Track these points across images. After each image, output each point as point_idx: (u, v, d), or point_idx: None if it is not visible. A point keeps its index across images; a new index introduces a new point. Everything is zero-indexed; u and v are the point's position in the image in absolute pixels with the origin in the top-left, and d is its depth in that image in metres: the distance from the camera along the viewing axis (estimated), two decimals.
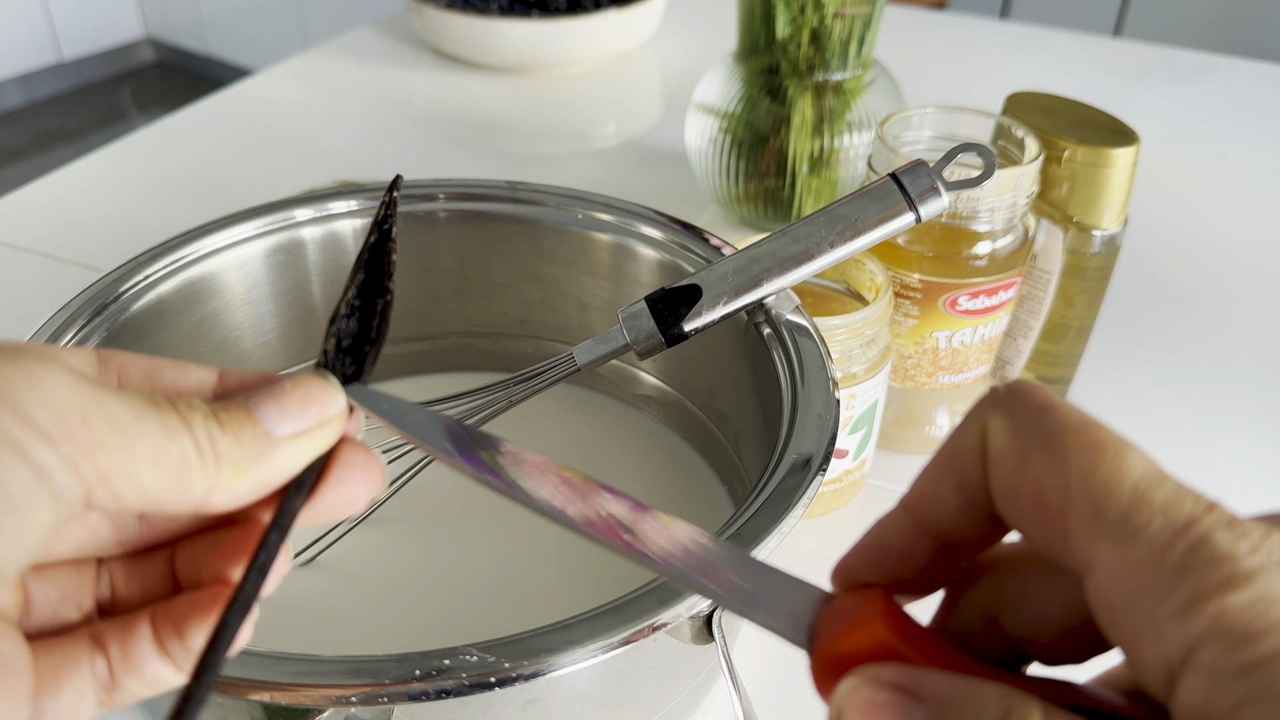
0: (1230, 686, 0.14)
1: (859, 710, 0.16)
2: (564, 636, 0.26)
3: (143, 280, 0.40)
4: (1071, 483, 0.16)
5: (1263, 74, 0.94)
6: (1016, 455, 0.16)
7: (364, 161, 0.76)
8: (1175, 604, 0.14)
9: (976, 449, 0.17)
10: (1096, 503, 0.15)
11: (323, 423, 0.21)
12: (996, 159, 0.40)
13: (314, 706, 0.25)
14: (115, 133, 2.49)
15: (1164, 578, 0.15)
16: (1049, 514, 0.16)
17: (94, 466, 0.17)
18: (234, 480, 0.19)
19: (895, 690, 0.16)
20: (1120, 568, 0.15)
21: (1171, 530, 0.15)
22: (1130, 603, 0.15)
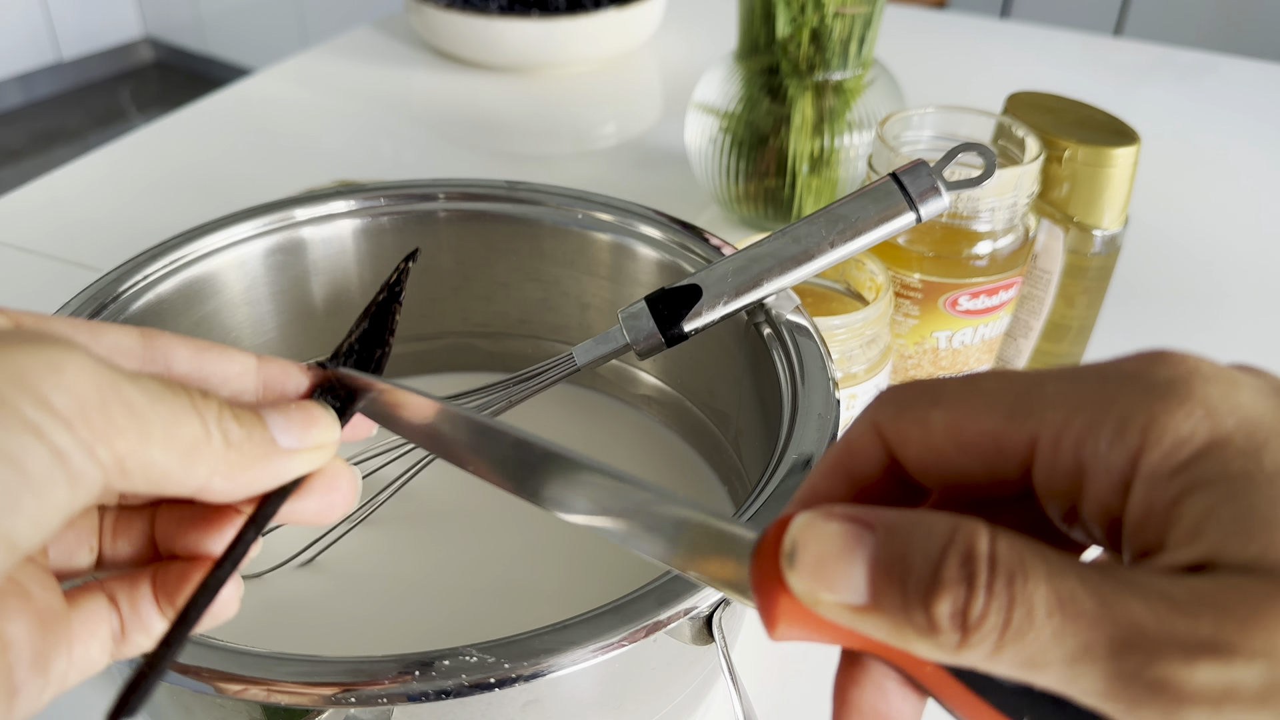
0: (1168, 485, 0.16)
1: (812, 542, 0.17)
2: (564, 636, 0.26)
3: (142, 280, 0.40)
4: (990, 402, 0.18)
5: (1263, 74, 0.94)
6: (920, 420, 0.18)
7: (364, 161, 0.76)
8: (1111, 430, 0.16)
9: (872, 443, 0.19)
10: (1019, 400, 0.17)
11: (319, 446, 0.22)
12: (997, 159, 0.39)
13: (314, 706, 0.25)
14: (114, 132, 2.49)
15: (1097, 416, 0.17)
16: (974, 448, 0.18)
17: (110, 450, 0.18)
18: (238, 470, 0.20)
19: (845, 519, 0.17)
20: (1057, 427, 0.17)
21: (1097, 379, 0.17)
22: (1073, 451, 0.17)
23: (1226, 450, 0.16)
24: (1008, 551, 0.16)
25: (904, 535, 0.16)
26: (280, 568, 0.39)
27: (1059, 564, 0.15)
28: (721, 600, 0.28)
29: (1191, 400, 0.16)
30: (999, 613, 0.15)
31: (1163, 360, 0.17)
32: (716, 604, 0.28)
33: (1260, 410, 0.16)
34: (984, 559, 0.15)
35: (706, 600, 0.27)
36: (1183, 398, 0.16)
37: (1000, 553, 0.16)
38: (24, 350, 0.17)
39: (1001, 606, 0.15)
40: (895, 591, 0.16)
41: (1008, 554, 0.16)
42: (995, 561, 0.15)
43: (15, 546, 0.17)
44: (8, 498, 0.16)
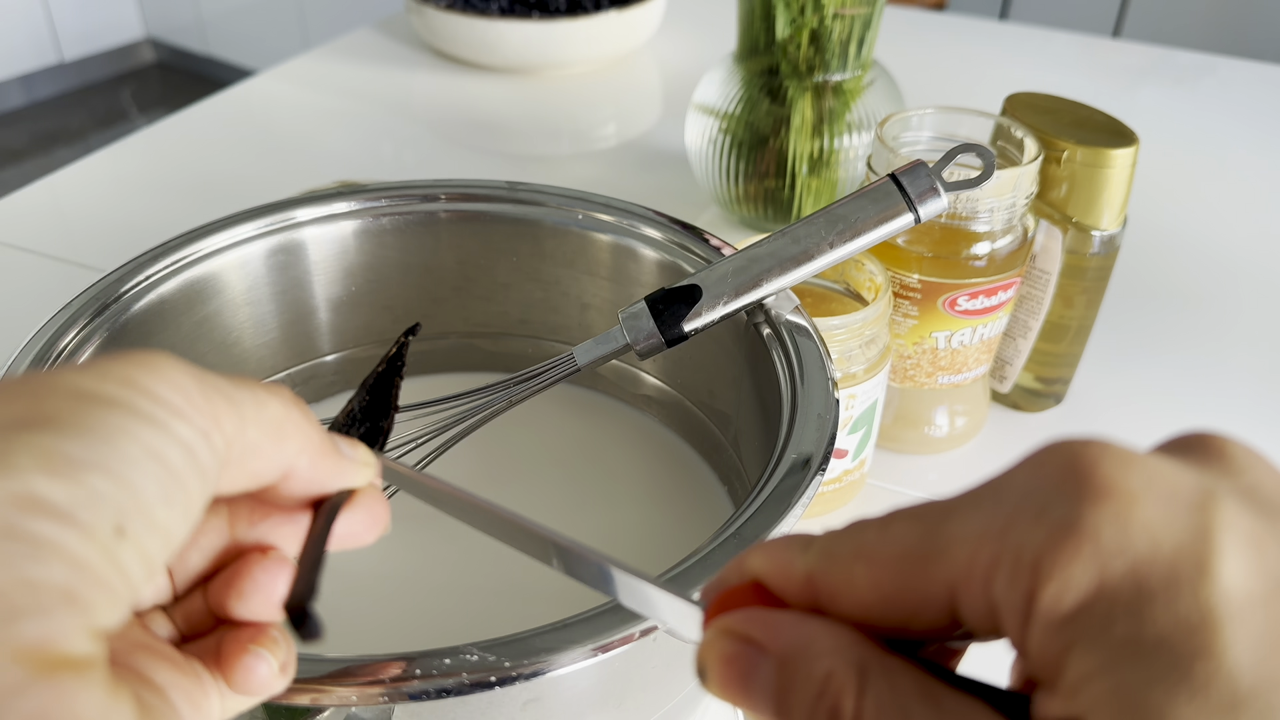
0: (1057, 635, 0.14)
1: (716, 664, 0.18)
2: (564, 636, 0.26)
3: (143, 280, 0.40)
4: (901, 552, 0.17)
5: (1262, 74, 0.94)
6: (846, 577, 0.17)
7: (364, 161, 0.76)
8: (1009, 568, 0.15)
9: (802, 595, 0.18)
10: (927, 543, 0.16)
11: (365, 464, 0.24)
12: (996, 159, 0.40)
13: (314, 706, 0.25)
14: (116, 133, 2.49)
15: (997, 552, 0.15)
16: (899, 602, 0.17)
17: (222, 435, 0.18)
18: (317, 452, 0.21)
19: (744, 643, 0.17)
20: (965, 569, 0.16)
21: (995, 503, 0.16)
22: (983, 593, 0.15)
23: (1111, 606, 0.14)
24: (873, 712, 0.16)
25: (790, 671, 0.17)
26: None
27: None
28: None
29: (1078, 535, 0.14)
30: None
31: (1059, 466, 0.15)
32: None
33: (1161, 541, 0.14)
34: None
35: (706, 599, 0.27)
36: (1069, 531, 0.14)
37: (865, 713, 0.16)
38: (121, 359, 0.18)
39: None
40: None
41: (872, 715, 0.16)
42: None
43: (171, 538, 0.17)
44: (160, 490, 0.17)
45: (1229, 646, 0.13)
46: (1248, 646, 0.13)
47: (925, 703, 0.16)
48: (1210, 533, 0.14)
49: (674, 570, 0.28)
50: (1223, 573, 0.14)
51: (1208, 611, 0.13)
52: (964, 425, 0.51)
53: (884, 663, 0.16)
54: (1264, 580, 0.14)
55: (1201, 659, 0.13)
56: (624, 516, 0.43)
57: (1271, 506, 0.15)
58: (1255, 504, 0.15)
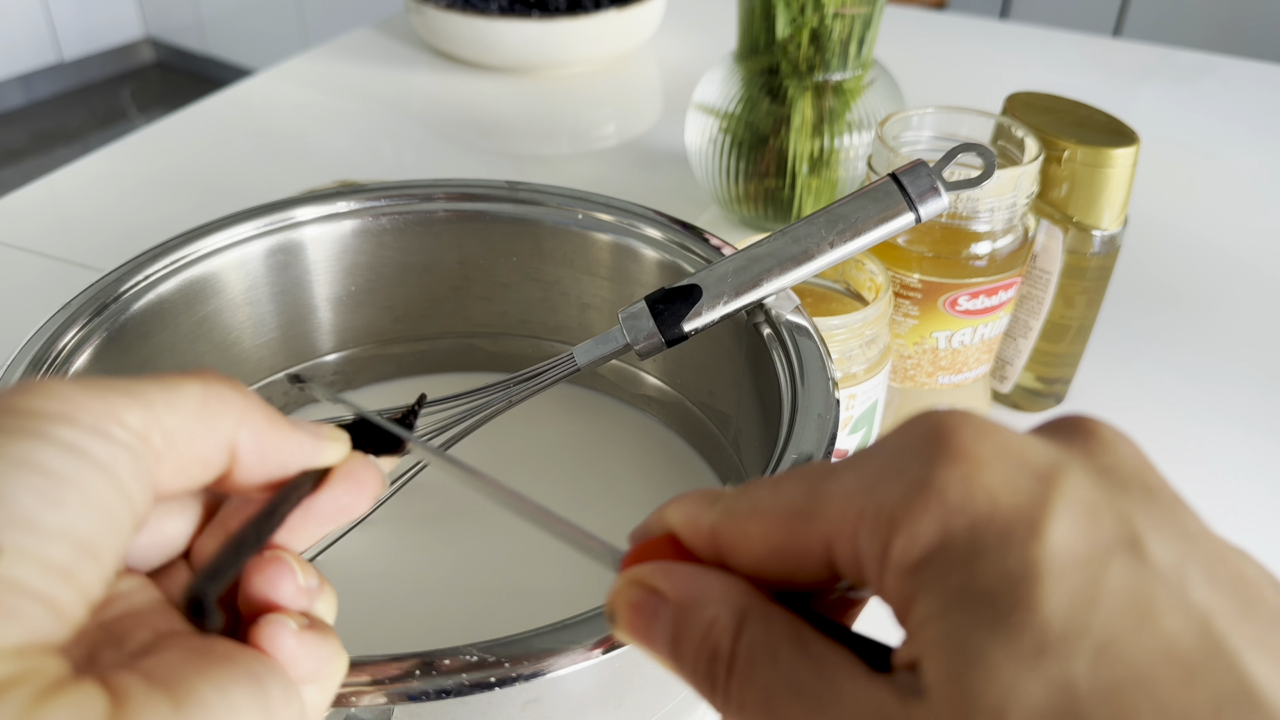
0: (905, 582, 0.16)
1: (623, 610, 0.19)
2: (564, 636, 0.26)
3: (143, 280, 0.40)
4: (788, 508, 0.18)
5: (1263, 74, 0.94)
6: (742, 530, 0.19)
7: (364, 161, 0.76)
8: (870, 522, 0.16)
9: (707, 548, 0.20)
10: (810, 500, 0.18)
11: (332, 439, 0.22)
12: (996, 159, 0.40)
13: None
14: (115, 133, 2.49)
15: (865, 507, 0.17)
16: (786, 555, 0.18)
17: (123, 427, 0.18)
18: (262, 423, 0.20)
19: (648, 591, 0.19)
20: (839, 524, 0.17)
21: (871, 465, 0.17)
22: (851, 546, 0.17)
23: (950, 556, 0.15)
24: (744, 652, 0.17)
25: (684, 617, 0.18)
26: None
27: (787, 665, 0.17)
28: None
29: (928, 491, 0.16)
30: (733, 707, 0.17)
31: (924, 433, 0.17)
32: None
33: (1000, 502, 0.15)
34: (723, 660, 0.18)
35: None
36: (920, 488, 0.16)
37: (739, 652, 0.17)
38: (3, 391, 0.18)
39: (734, 702, 0.17)
40: (680, 666, 0.18)
41: (745, 654, 0.17)
42: (732, 663, 0.17)
43: (84, 540, 0.16)
44: (39, 497, 0.16)
45: (1044, 599, 0.14)
46: (1061, 601, 0.14)
47: (794, 645, 0.17)
48: (1048, 499, 0.15)
49: None
50: (1051, 534, 0.15)
51: (1032, 567, 0.15)
52: None
53: (764, 609, 0.18)
54: (1089, 545, 0.15)
55: (1019, 609, 0.14)
56: (624, 516, 0.43)
57: (1122, 484, 0.16)
58: (1106, 479, 0.16)
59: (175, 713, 0.17)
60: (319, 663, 0.20)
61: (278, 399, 0.47)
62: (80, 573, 0.17)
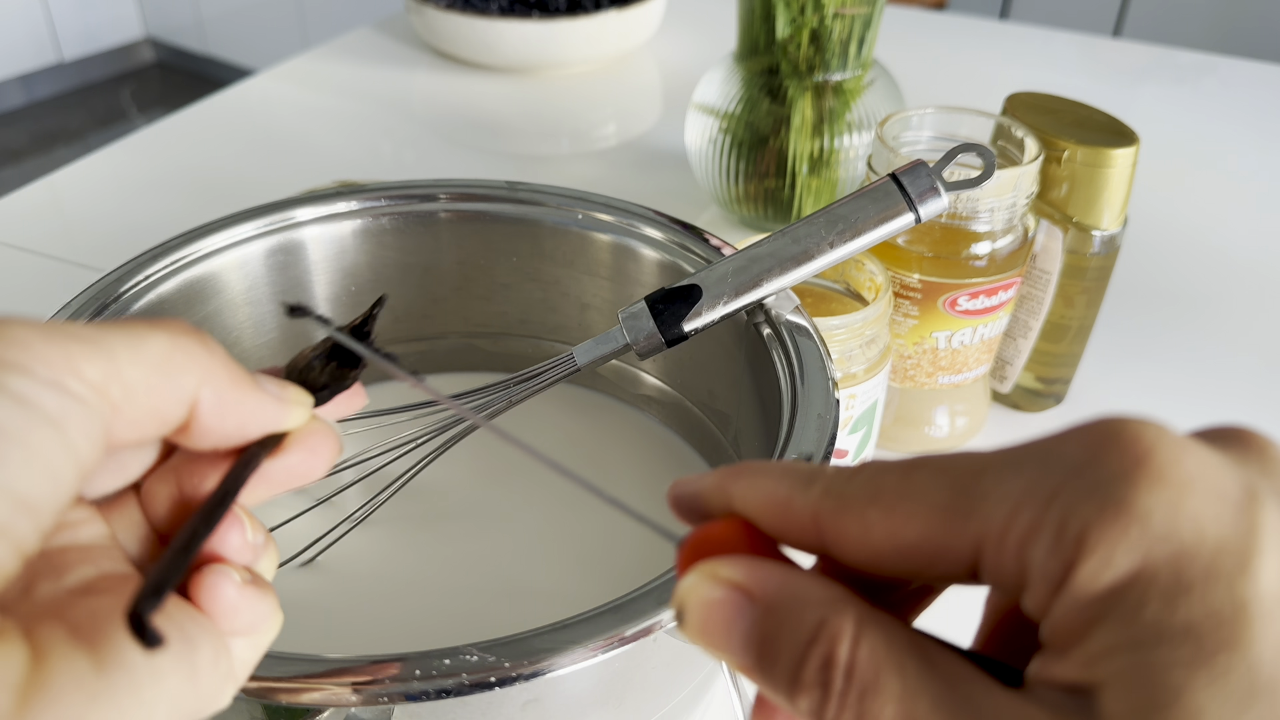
0: (1086, 608, 0.15)
1: (698, 607, 0.18)
2: (564, 636, 0.26)
3: (143, 280, 0.40)
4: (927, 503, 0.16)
5: (1263, 74, 0.94)
6: (859, 519, 0.17)
7: (364, 161, 0.76)
8: (1050, 536, 0.15)
9: (807, 534, 0.18)
10: (958, 497, 0.16)
11: (296, 403, 0.21)
12: (996, 159, 0.40)
13: (314, 706, 0.25)
14: (115, 133, 2.49)
15: (1038, 517, 0.15)
16: (914, 552, 0.16)
17: (80, 380, 0.17)
18: (225, 382, 0.19)
19: (730, 589, 0.17)
20: (1000, 528, 0.16)
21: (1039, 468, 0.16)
22: (1016, 555, 0.15)
23: (1148, 590, 0.14)
24: (867, 661, 0.16)
25: (778, 619, 0.17)
26: (280, 568, 0.39)
27: (917, 682, 0.15)
28: None
29: (1129, 515, 0.14)
30: (850, 718, 0.16)
31: (1114, 443, 0.15)
32: None
33: (1204, 532, 0.14)
34: (840, 668, 0.16)
35: None
36: (1120, 509, 0.15)
37: (859, 662, 0.16)
38: None
39: (851, 716, 0.16)
40: (766, 671, 0.17)
41: (866, 664, 0.16)
42: (851, 672, 0.16)
43: (19, 494, 0.16)
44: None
45: (1255, 641, 0.14)
46: (1272, 644, 0.14)
47: (918, 657, 0.16)
48: (1254, 533, 0.14)
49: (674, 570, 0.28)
50: (1262, 572, 0.14)
51: (1241, 607, 0.14)
52: (964, 425, 0.51)
53: (876, 615, 0.16)
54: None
55: (1227, 650, 0.14)
56: (624, 516, 0.43)
57: None
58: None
59: (96, 675, 0.16)
60: (257, 618, 0.20)
61: None
62: (15, 529, 0.16)
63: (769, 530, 0.18)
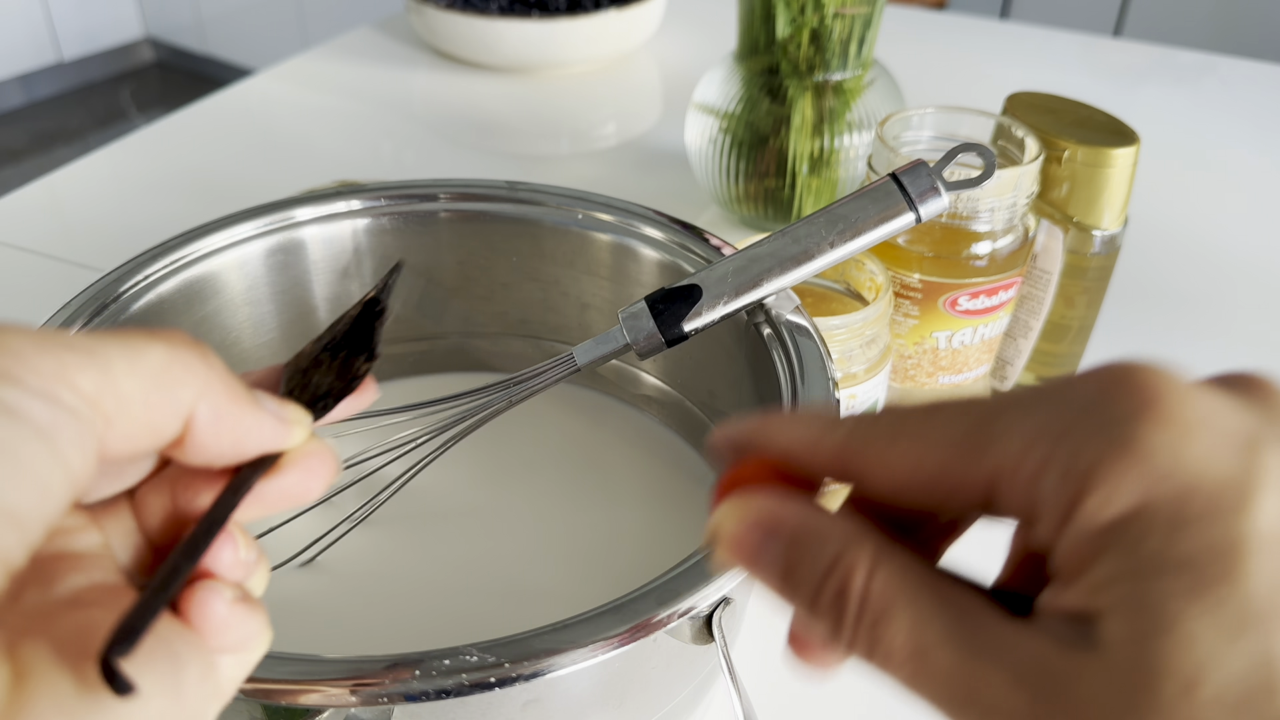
0: (1090, 540, 0.16)
1: (729, 535, 0.19)
2: (564, 636, 0.26)
3: (142, 280, 0.40)
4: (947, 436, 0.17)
5: (1263, 74, 0.94)
6: (883, 453, 0.18)
7: (364, 161, 0.76)
8: (1059, 470, 0.16)
9: (835, 469, 0.19)
10: (976, 432, 0.17)
11: (295, 422, 0.21)
12: (996, 159, 0.39)
13: (314, 706, 0.25)
14: (115, 133, 2.49)
15: (1049, 452, 0.16)
16: (935, 483, 0.18)
17: (74, 391, 0.16)
18: (223, 397, 0.19)
19: (757, 519, 0.19)
20: (1013, 462, 0.17)
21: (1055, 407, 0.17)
22: (1026, 489, 0.16)
23: (1150, 523, 0.15)
24: (880, 592, 0.17)
25: (800, 549, 0.18)
26: (280, 568, 0.39)
27: (929, 610, 0.16)
28: (722, 600, 0.28)
29: (1134, 452, 0.15)
30: (863, 645, 0.17)
31: (1124, 386, 0.16)
32: (716, 603, 0.28)
33: (1206, 471, 0.15)
34: (855, 596, 0.17)
35: (706, 600, 0.27)
36: (1126, 447, 0.15)
37: (873, 591, 0.17)
38: None
39: (864, 642, 0.17)
40: (790, 595, 0.18)
41: (879, 595, 0.17)
42: (865, 601, 0.17)
43: (11, 514, 0.15)
44: None
45: (1250, 574, 0.14)
46: (1266, 578, 0.14)
47: (931, 589, 0.17)
48: (1254, 473, 0.15)
49: (674, 570, 0.28)
50: (1260, 510, 0.15)
51: (1238, 541, 0.15)
52: None
53: (895, 550, 0.18)
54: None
55: (1223, 581, 0.14)
56: (624, 516, 0.43)
57: None
58: None
59: (78, 698, 0.16)
60: (246, 635, 0.19)
61: None
62: (17, 541, 0.16)
63: (799, 467, 0.20)
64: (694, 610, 0.27)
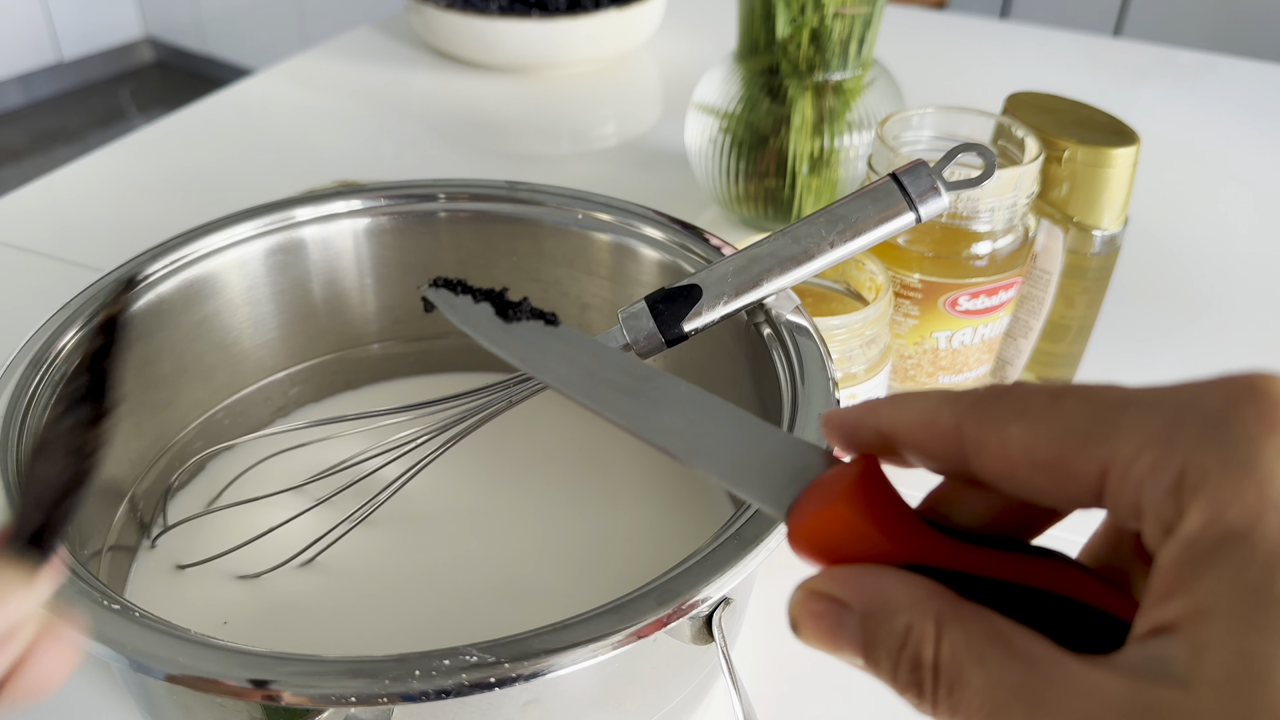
0: (1192, 556, 0.15)
1: (807, 620, 0.19)
2: (564, 636, 0.26)
3: (142, 280, 0.40)
4: (1069, 424, 0.17)
5: (1263, 74, 0.94)
6: (1000, 430, 0.18)
7: (364, 161, 0.76)
8: (1170, 479, 0.15)
9: (949, 442, 0.19)
10: (1096, 424, 0.17)
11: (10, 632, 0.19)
12: (997, 159, 0.39)
13: (314, 706, 0.25)
14: (115, 133, 2.49)
15: (1162, 458, 0.16)
16: (1047, 468, 0.17)
17: None
18: None
19: (829, 601, 0.19)
20: (1126, 461, 0.16)
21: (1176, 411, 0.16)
22: (1135, 490, 0.16)
23: (1254, 552, 0.14)
24: (950, 657, 0.17)
25: (874, 626, 0.18)
26: (280, 568, 0.39)
27: (998, 669, 0.16)
28: (722, 600, 0.28)
29: (1250, 476, 0.15)
30: (945, 713, 0.17)
31: (1253, 401, 0.15)
32: (716, 604, 0.28)
33: None
34: (928, 668, 0.17)
35: (706, 600, 0.27)
36: (1243, 468, 0.15)
37: (943, 659, 0.17)
38: None
39: (945, 711, 0.17)
40: (876, 671, 0.18)
41: (949, 660, 0.17)
42: (938, 670, 0.17)
43: None
44: None
45: None
46: None
47: (998, 645, 0.17)
48: None
49: (674, 570, 0.28)
50: None
51: None
52: None
53: (957, 610, 0.17)
54: None
55: None
56: (624, 516, 0.43)
57: None
58: None
59: None
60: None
61: (277, 399, 0.47)
62: None
63: (913, 444, 0.19)
64: (694, 610, 0.27)
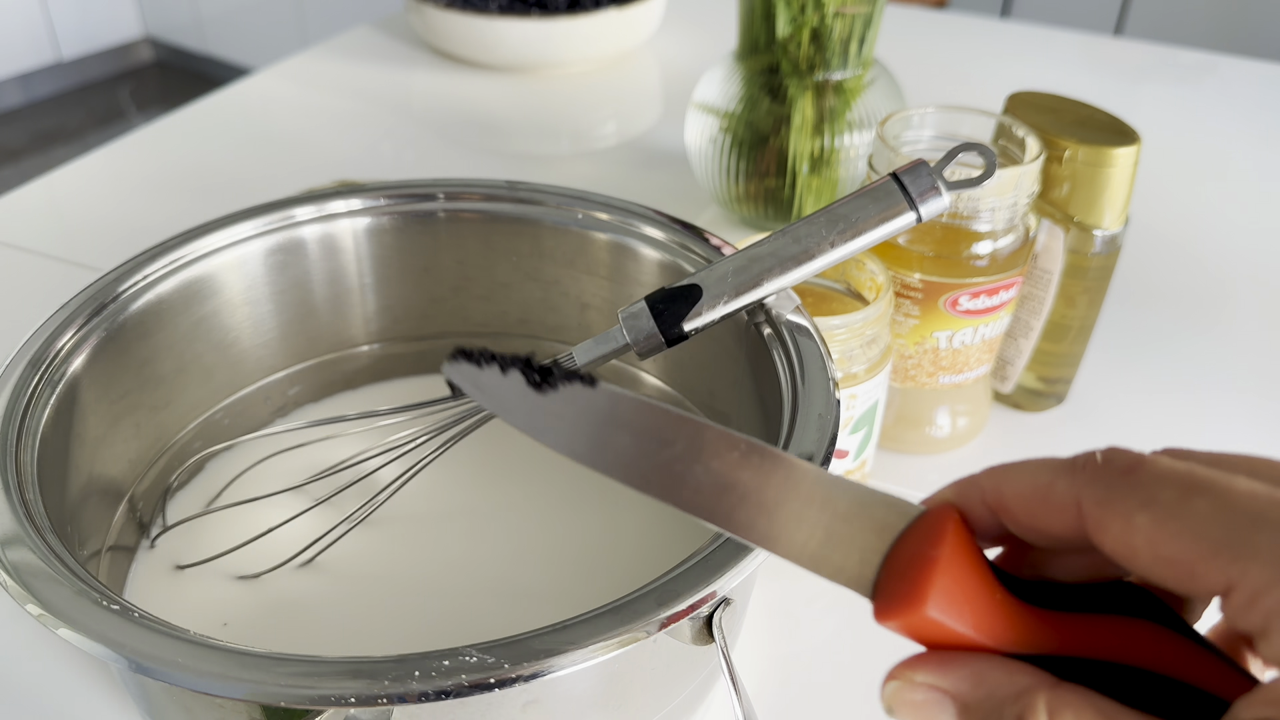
0: None
1: (905, 710, 0.19)
2: (564, 637, 0.26)
3: (141, 280, 0.40)
4: (1199, 530, 0.17)
5: (1263, 74, 0.94)
6: (1126, 517, 0.18)
7: (364, 161, 0.76)
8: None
9: (1064, 516, 0.19)
10: (1230, 538, 0.17)
11: None
12: (997, 158, 0.39)
13: (314, 706, 0.25)
14: (114, 132, 2.49)
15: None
16: (1170, 566, 0.17)
17: None
18: None
19: (929, 690, 0.19)
20: (1257, 585, 0.16)
21: None
22: (1265, 614, 0.16)
23: None
24: None
25: (974, 716, 0.18)
26: (280, 568, 0.39)
27: None
28: (722, 600, 0.28)
29: None
30: None
31: None
32: (716, 604, 0.28)
33: None
34: None
35: (706, 600, 0.27)
36: None
37: None
38: None
39: None
40: None
41: None
42: None
43: None
44: None
45: None
46: None
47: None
48: None
49: (674, 571, 0.28)
50: None
51: None
52: (966, 425, 0.51)
53: (1063, 697, 0.17)
54: None
55: None
56: (624, 516, 0.43)
57: None
58: None
59: None
60: None
61: (276, 399, 0.47)
62: None
63: (1025, 518, 0.19)
64: (694, 611, 0.27)
